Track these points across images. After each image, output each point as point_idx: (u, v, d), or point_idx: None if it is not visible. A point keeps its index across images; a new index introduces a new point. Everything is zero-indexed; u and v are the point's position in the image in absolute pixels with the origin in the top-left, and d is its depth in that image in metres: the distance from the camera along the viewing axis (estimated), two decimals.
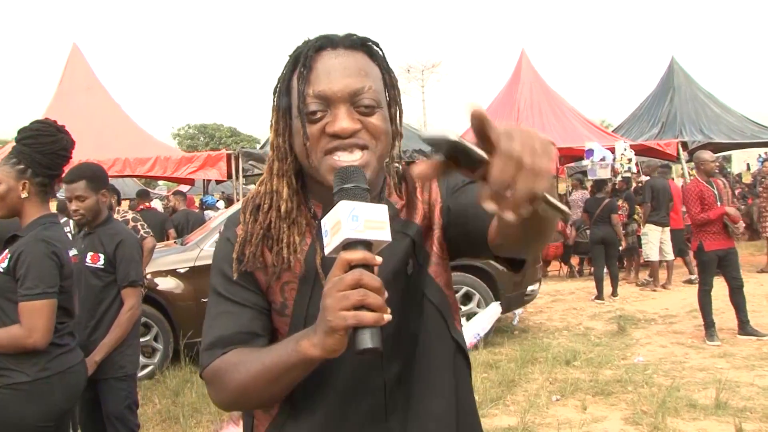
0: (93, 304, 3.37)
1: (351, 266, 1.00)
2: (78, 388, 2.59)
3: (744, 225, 8.97)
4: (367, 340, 0.98)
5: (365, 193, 1.07)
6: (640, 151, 13.95)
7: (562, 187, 25.80)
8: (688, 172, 14.15)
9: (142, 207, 10.29)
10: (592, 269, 10.29)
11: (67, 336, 2.52)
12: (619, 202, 11.04)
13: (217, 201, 15.84)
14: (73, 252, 3.20)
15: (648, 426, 4.59)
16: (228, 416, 2.37)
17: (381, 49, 1.29)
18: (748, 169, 25.15)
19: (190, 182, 16.38)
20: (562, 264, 12.67)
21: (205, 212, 11.60)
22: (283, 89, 1.26)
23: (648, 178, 11.01)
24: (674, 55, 17.62)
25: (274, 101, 1.29)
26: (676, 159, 14.60)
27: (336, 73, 1.19)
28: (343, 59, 1.21)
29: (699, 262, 6.96)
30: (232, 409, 1.32)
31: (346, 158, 1.17)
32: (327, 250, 1.05)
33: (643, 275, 10.74)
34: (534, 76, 16.60)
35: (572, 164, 20.27)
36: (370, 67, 1.24)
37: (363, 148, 1.19)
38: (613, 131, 17.72)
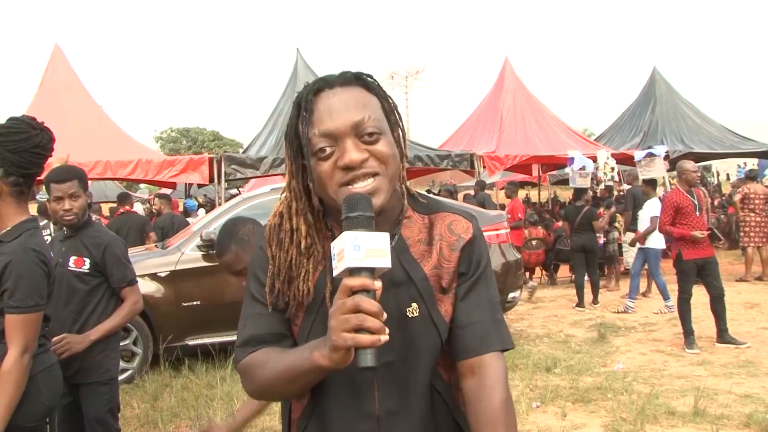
0: (77, 307, 3.31)
1: (353, 291, 1.12)
2: (60, 386, 2.55)
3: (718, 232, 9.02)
4: (367, 360, 1.12)
5: (370, 220, 1.17)
6: (622, 160, 14.08)
7: (544, 195, 25.94)
8: (669, 182, 14.29)
9: (122, 210, 10.20)
10: (573, 277, 10.33)
11: (43, 338, 2.48)
12: (601, 210, 11.12)
13: (198, 207, 15.70)
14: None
15: None
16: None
17: (375, 80, 1.37)
18: (728, 179, 25.45)
19: (172, 185, 16.28)
20: (544, 271, 12.73)
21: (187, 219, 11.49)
22: (291, 134, 1.35)
23: (629, 186, 11.08)
24: (656, 65, 17.84)
25: (286, 146, 1.38)
26: None
27: (336, 110, 1.28)
28: (341, 96, 1.30)
29: (678, 270, 7.02)
30: (262, 399, 1.54)
31: (360, 186, 1.26)
32: (334, 273, 1.17)
33: (622, 287, 10.81)
34: (517, 83, 16.71)
35: (554, 172, 20.42)
36: (367, 98, 1.33)
37: (374, 175, 1.28)
38: (595, 140, 17.87)
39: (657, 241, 9.15)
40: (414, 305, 1.36)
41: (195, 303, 6.59)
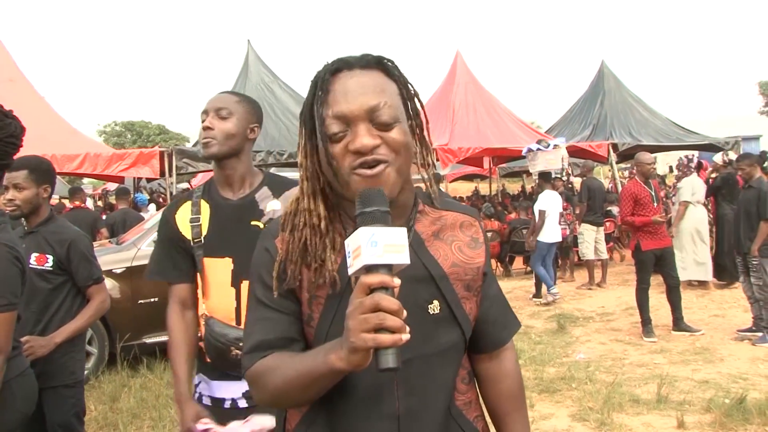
0: (40, 307, 3.14)
1: (371, 289, 1.06)
2: (35, 392, 2.41)
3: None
4: (388, 361, 1.06)
5: (386, 215, 1.11)
6: (573, 152, 14.29)
7: (494, 187, 26.20)
8: (618, 174, 14.59)
9: (72, 206, 9.85)
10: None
11: (15, 340, 2.33)
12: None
13: (149, 202, 15.30)
14: None
15: (595, 422, 4.67)
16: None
17: (397, 66, 1.33)
18: (671, 171, 26.09)
19: (119, 180, 15.85)
20: (499, 263, 12.83)
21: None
22: (306, 114, 1.30)
23: (585, 178, 11.22)
24: (604, 59, 18.14)
25: (300, 125, 1.33)
26: (606, 160, 15.03)
27: (353, 92, 1.24)
28: (359, 78, 1.26)
29: (637, 261, 7.15)
30: (274, 407, 1.43)
31: (369, 171, 1.22)
32: (350, 271, 1.10)
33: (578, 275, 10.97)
34: (469, 77, 16.77)
35: (504, 165, 20.63)
36: (386, 83, 1.28)
37: (383, 163, 1.23)
38: (545, 132, 18.08)
39: (547, 235, 9.29)
40: (435, 302, 1.33)
41: (152, 300, 6.41)
